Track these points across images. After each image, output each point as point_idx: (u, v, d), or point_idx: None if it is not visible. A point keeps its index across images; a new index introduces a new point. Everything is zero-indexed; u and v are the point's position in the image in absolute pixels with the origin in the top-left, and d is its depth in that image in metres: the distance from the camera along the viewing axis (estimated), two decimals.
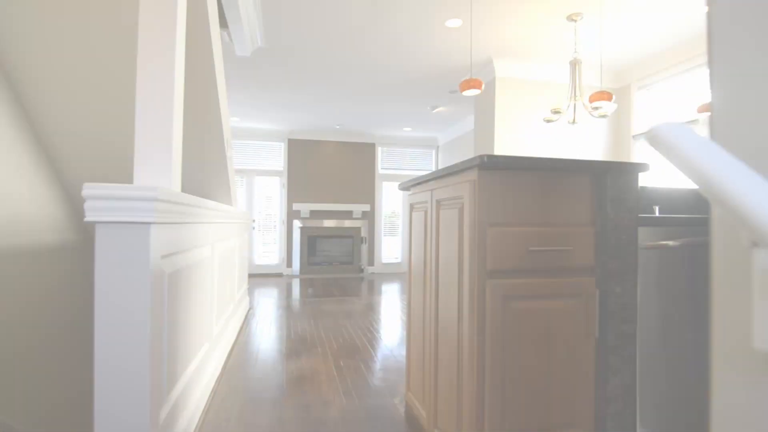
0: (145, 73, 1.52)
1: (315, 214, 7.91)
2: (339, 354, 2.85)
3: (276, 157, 7.85)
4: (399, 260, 8.39)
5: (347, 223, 8.03)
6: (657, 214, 2.15)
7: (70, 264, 2.65)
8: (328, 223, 7.95)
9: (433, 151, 8.50)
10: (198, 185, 2.87)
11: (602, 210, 1.43)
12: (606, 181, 1.42)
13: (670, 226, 1.52)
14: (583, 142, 4.73)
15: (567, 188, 1.42)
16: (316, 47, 4.10)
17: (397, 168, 8.37)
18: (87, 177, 2.62)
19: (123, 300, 1.19)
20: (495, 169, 1.36)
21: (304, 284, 6.56)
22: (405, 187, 2.15)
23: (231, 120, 7.03)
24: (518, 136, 4.48)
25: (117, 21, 2.01)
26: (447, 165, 7.98)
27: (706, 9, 0.55)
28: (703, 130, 3.78)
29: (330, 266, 7.93)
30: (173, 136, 1.52)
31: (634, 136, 4.68)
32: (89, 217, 1.16)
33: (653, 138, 0.43)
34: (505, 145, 4.44)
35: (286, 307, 4.51)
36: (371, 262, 8.19)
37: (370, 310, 4.44)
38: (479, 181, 1.35)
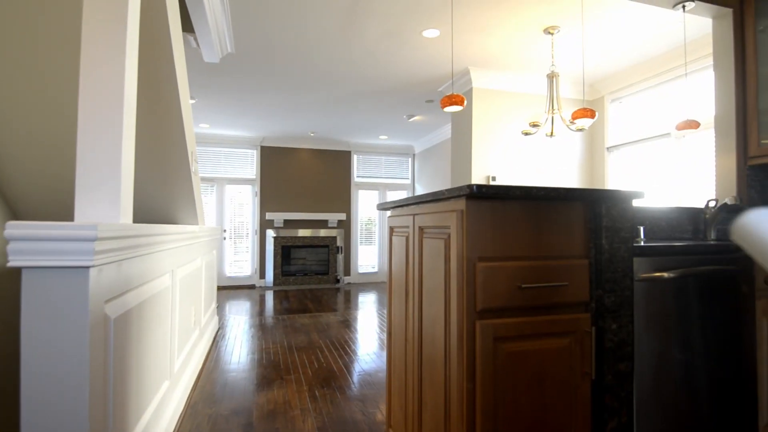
0: (90, 84, 1.34)
1: (289, 224, 7.69)
2: (314, 381, 2.68)
3: (248, 165, 7.60)
4: (375, 269, 8.25)
5: (322, 233, 7.84)
6: (642, 235, 2.09)
7: (12, 293, 2.39)
8: (303, 232, 7.74)
9: (410, 159, 8.43)
10: (160, 205, 2.66)
11: (597, 241, 1.33)
12: (600, 210, 1.33)
13: (666, 255, 1.45)
14: (560, 153, 4.73)
15: (560, 218, 1.32)
16: (288, 54, 3.94)
17: (374, 176, 8.25)
18: (34, 193, 2.38)
19: (56, 359, 1.01)
20: (484, 198, 1.25)
21: (277, 297, 6.33)
22: (384, 208, 2.02)
23: (199, 126, 6.75)
24: (495, 147, 4.44)
25: (64, 22, 1.80)
26: (423, 173, 7.91)
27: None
28: (676, 144, 3.82)
29: (305, 277, 7.72)
30: (123, 157, 1.35)
31: (608, 148, 4.71)
32: (13, 262, 0.98)
33: (744, 233, 0.31)
34: (482, 156, 4.38)
35: (258, 326, 4.29)
36: (347, 272, 8.02)
37: (347, 327, 4.28)
38: (468, 212, 1.23)
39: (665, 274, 1.38)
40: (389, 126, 6.69)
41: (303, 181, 7.80)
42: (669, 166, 3.90)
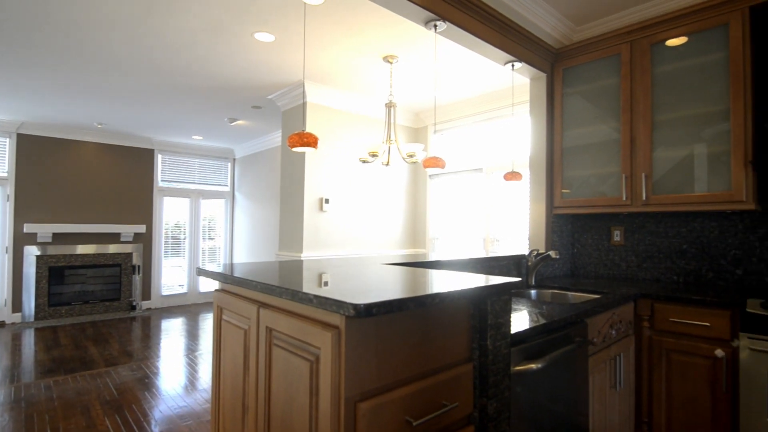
0: None
1: (61, 238, 5.94)
2: None
3: None
4: (184, 290, 7.07)
5: (112, 249, 6.32)
6: None
7: None
8: (84, 249, 6.09)
9: (229, 164, 7.54)
10: None
11: (482, 342, 1.17)
12: (486, 306, 1.16)
13: (533, 340, 1.39)
14: (390, 178, 4.80)
15: (445, 321, 1.11)
16: (67, 23, 2.88)
17: (184, 181, 7.07)
18: None
19: None
20: (369, 315, 0.93)
21: (42, 339, 4.74)
22: (205, 275, 1.51)
23: None
24: (330, 167, 4.20)
25: None
26: (245, 181, 7.12)
27: None
28: (485, 179, 4.26)
29: (86, 305, 6.08)
30: None
31: (430, 176, 5.01)
32: None
33: None
34: (315, 175, 4.08)
35: (2, 405, 3.03)
36: (146, 296, 6.66)
37: (147, 388, 3.40)
38: (347, 334, 0.89)
39: (533, 366, 1.32)
40: (205, 126, 5.79)
41: (85, 184, 6.13)
42: (479, 197, 4.33)
